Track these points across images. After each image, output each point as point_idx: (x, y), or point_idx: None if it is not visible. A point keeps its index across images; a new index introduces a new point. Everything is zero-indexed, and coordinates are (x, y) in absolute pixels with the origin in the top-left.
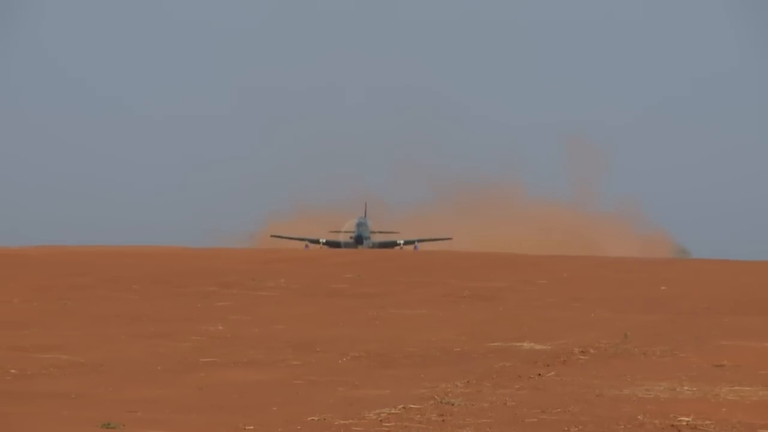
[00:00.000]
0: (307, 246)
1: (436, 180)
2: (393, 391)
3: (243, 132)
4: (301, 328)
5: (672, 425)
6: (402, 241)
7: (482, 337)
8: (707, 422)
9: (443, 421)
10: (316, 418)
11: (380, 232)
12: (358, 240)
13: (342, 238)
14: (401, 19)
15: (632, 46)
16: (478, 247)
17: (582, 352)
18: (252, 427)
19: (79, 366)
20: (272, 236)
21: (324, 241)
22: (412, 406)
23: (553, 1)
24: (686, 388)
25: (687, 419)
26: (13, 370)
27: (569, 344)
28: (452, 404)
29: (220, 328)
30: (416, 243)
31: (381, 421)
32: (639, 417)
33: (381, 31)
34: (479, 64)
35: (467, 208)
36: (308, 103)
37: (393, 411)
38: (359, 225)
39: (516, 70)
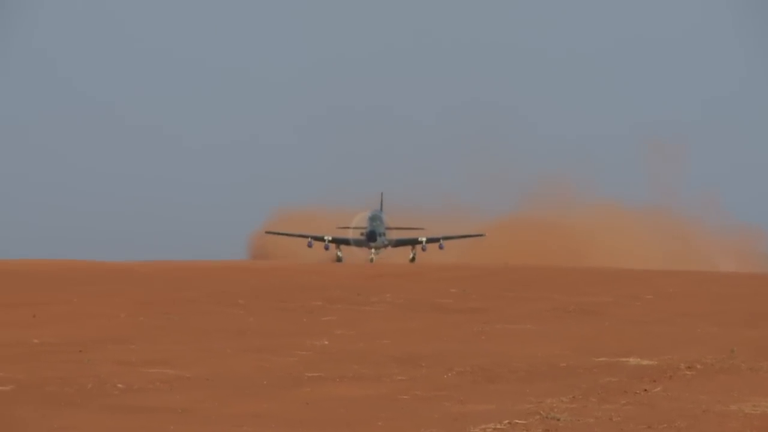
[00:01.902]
0: (310, 244)
1: (514, 188)
2: (498, 407)
3: (312, 151)
4: (406, 343)
5: None
6: (424, 239)
7: (588, 352)
8: None
9: None
10: None
11: (398, 228)
12: (371, 237)
13: (352, 234)
14: (464, 37)
15: (685, 49)
16: (567, 258)
17: (688, 367)
18: None
19: (186, 380)
20: (267, 233)
21: (330, 238)
22: (517, 421)
23: (608, 6)
24: None
25: None
26: (120, 385)
27: (675, 359)
28: (558, 420)
29: (326, 342)
30: (441, 241)
31: None
32: None
33: (447, 48)
34: (542, 77)
35: (547, 214)
36: (381, 118)
37: (498, 426)
38: (372, 219)
39: (576, 79)
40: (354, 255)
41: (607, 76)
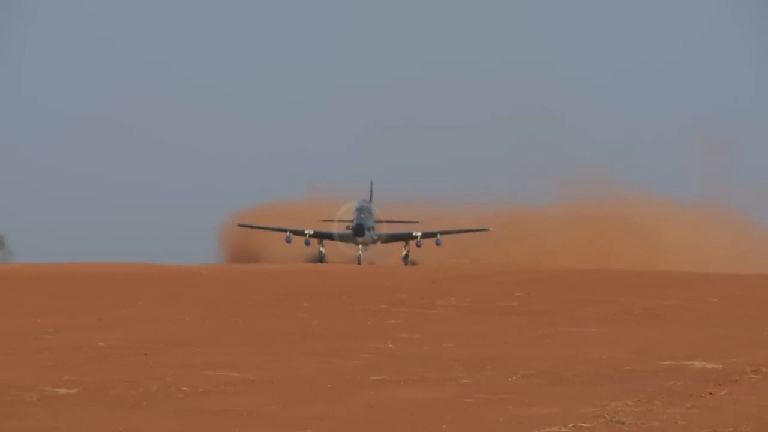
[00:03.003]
0: (288, 239)
1: (562, 188)
2: (563, 410)
3: (367, 163)
4: (470, 346)
5: None
6: (419, 234)
7: (653, 355)
8: None
9: None
10: None
11: (389, 222)
12: (358, 231)
13: (336, 228)
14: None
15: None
16: (631, 259)
17: (754, 370)
18: None
19: (250, 383)
20: (239, 225)
21: (311, 232)
22: (581, 424)
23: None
24: None
25: None
26: (185, 388)
27: (741, 363)
28: (622, 423)
29: (390, 345)
30: (438, 236)
31: None
32: None
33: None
34: (585, 78)
35: (596, 215)
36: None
37: (562, 429)
38: (360, 211)
39: (620, 81)
40: (339, 252)
41: (650, 75)
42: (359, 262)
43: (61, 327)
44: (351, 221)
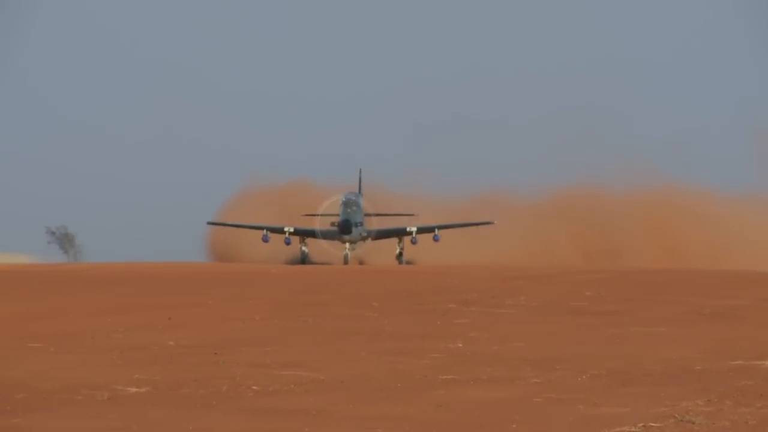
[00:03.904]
0: (265, 237)
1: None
2: (633, 409)
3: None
4: (540, 346)
5: None
6: (414, 229)
7: (723, 355)
8: None
9: None
10: None
11: (380, 215)
12: (344, 228)
13: (319, 224)
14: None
15: None
16: (703, 258)
17: None
18: None
19: (320, 383)
20: (209, 223)
21: (292, 229)
22: (652, 424)
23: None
24: None
25: None
26: (254, 387)
27: None
28: (693, 423)
29: (460, 345)
30: (436, 231)
31: None
32: None
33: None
34: (634, 71)
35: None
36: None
37: (632, 429)
38: (347, 205)
39: (668, 75)
40: (324, 251)
41: (699, 64)
42: (346, 262)
43: (131, 326)
44: (336, 216)
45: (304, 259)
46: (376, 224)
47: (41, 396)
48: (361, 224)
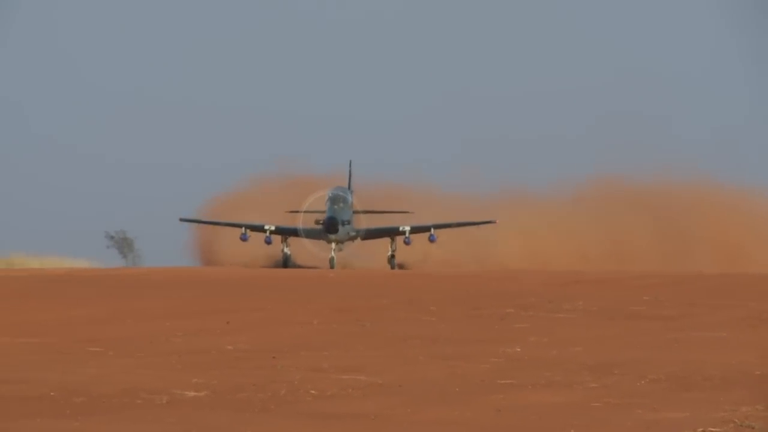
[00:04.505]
0: (244, 236)
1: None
2: (692, 414)
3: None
4: (598, 351)
5: None
6: (408, 228)
7: None
8: None
9: None
10: None
11: (369, 212)
12: (330, 226)
13: (302, 222)
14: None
15: None
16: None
17: None
18: None
19: (378, 387)
20: (182, 220)
21: (273, 228)
22: (711, 429)
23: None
24: None
25: None
26: (313, 391)
27: None
28: (752, 428)
29: (518, 350)
30: (432, 230)
31: None
32: None
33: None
34: (674, 76)
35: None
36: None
37: None
38: (333, 201)
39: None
40: (310, 253)
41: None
42: (332, 266)
43: (189, 330)
44: (322, 214)
45: (286, 262)
46: (365, 223)
47: (100, 400)
48: (349, 222)
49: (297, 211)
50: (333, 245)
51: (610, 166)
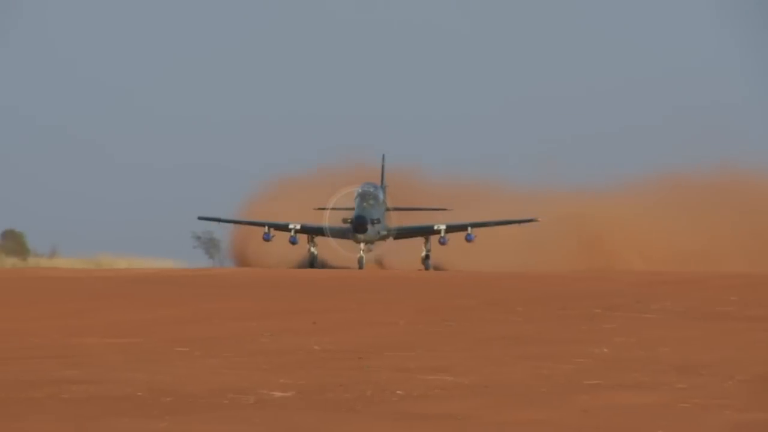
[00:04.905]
0: (267, 235)
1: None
2: None
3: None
4: (685, 351)
5: None
6: (443, 227)
7: None
8: None
9: None
10: None
11: (402, 209)
12: (359, 225)
13: (329, 221)
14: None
15: None
16: None
17: None
18: None
19: (464, 387)
20: (200, 218)
21: (298, 226)
22: None
23: None
24: None
25: None
26: (399, 392)
27: None
28: None
29: (605, 350)
30: (469, 229)
31: None
32: None
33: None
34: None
35: None
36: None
37: None
38: (363, 197)
39: None
40: (333, 252)
41: None
42: (360, 266)
43: (276, 331)
44: (351, 211)
45: (312, 262)
46: (399, 221)
47: (188, 400)
48: (379, 221)
49: (323, 208)
50: (362, 245)
51: (687, 162)
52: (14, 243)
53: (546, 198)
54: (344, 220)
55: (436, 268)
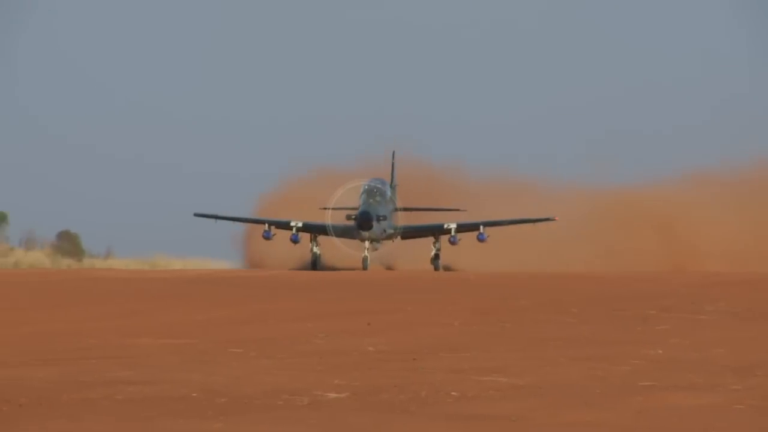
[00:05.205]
0: (267, 233)
1: None
2: None
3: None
4: (741, 352)
5: None
6: (454, 225)
7: None
8: None
9: None
10: None
11: (412, 209)
12: (363, 222)
13: (331, 218)
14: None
15: None
16: None
17: None
18: None
19: (518, 388)
20: (195, 215)
21: (300, 224)
22: None
23: None
24: None
25: None
26: (454, 393)
27: None
28: None
29: (660, 351)
30: (482, 228)
31: None
32: None
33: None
34: None
35: None
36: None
37: None
38: (369, 193)
39: None
40: (345, 252)
41: None
42: (365, 267)
43: (331, 331)
44: (355, 208)
45: (315, 263)
46: (406, 220)
47: (242, 401)
48: (385, 218)
49: (327, 208)
50: (367, 244)
51: (734, 159)
52: (69, 244)
53: (591, 194)
54: (348, 217)
55: (446, 269)
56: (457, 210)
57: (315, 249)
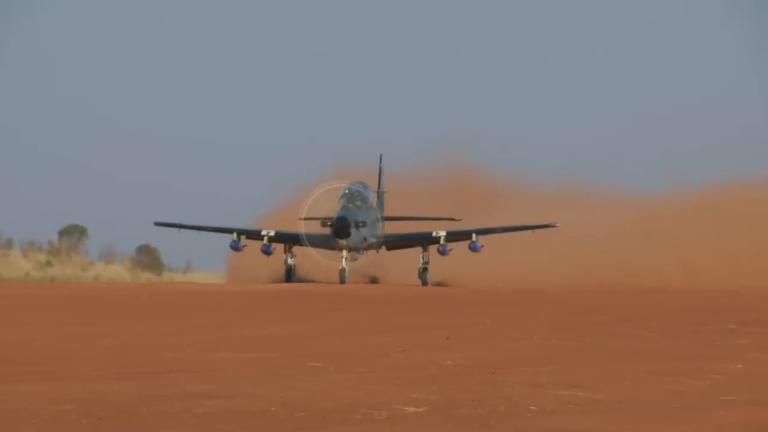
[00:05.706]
0: (235, 243)
1: None
2: None
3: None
4: None
5: None
6: (443, 233)
7: None
8: None
9: None
10: None
11: (399, 219)
12: (340, 228)
13: (304, 227)
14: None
15: None
16: None
17: None
18: None
19: (597, 403)
20: (156, 224)
21: (272, 233)
22: None
23: None
24: None
25: None
26: (532, 407)
27: None
28: None
29: (739, 366)
30: (474, 236)
31: None
32: None
33: None
34: None
35: None
36: None
37: None
38: (349, 198)
39: None
40: (324, 264)
41: None
42: (342, 280)
43: (409, 345)
44: (331, 215)
45: (290, 275)
46: (394, 228)
47: (321, 415)
48: (364, 225)
49: (309, 218)
50: (344, 253)
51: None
52: (149, 258)
53: (639, 203)
54: (324, 224)
55: (439, 284)
56: (452, 219)
57: (290, 260)
